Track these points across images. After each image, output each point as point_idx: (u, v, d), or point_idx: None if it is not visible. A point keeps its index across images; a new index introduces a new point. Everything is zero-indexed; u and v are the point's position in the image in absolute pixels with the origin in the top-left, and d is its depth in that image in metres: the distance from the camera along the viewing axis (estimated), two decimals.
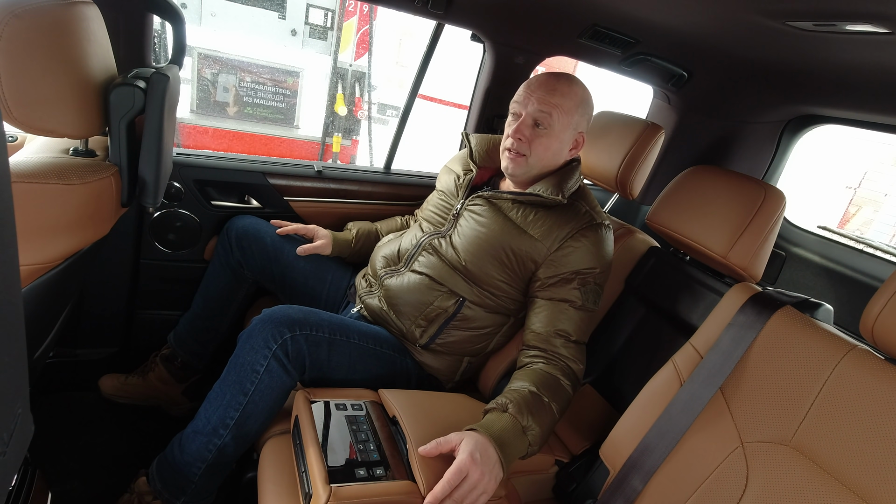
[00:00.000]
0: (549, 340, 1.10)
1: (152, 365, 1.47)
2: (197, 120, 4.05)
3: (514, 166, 1.19)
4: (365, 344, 1.13)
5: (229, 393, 0.99)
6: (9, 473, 0.54)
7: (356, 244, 1.46)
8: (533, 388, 1.00)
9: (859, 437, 0.72)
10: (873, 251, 1.61)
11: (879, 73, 1.13)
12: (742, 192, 1.13)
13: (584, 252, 1.13)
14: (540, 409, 0.98)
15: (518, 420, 0.94)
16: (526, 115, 1.16)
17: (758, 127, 1.78)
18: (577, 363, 1.10)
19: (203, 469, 1.01)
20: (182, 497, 1.03)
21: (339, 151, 4.46)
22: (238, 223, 1.41)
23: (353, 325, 1.14)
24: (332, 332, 1.06)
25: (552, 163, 1.21)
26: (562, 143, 1.19)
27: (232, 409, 0.98)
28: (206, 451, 1.00)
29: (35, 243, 0.79)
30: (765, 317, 0.87)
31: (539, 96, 1.15)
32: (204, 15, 3.94)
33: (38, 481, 0.92)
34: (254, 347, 0.98)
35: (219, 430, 0.99)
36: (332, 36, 4.26)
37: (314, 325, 1.04)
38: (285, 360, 0.99)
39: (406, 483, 0.85)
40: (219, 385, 1.01)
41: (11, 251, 0.41)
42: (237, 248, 1.39)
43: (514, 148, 1.18)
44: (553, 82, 1.16)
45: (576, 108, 1.16)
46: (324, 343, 1.04)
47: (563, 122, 1.16)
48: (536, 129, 1.16)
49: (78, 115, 0.81)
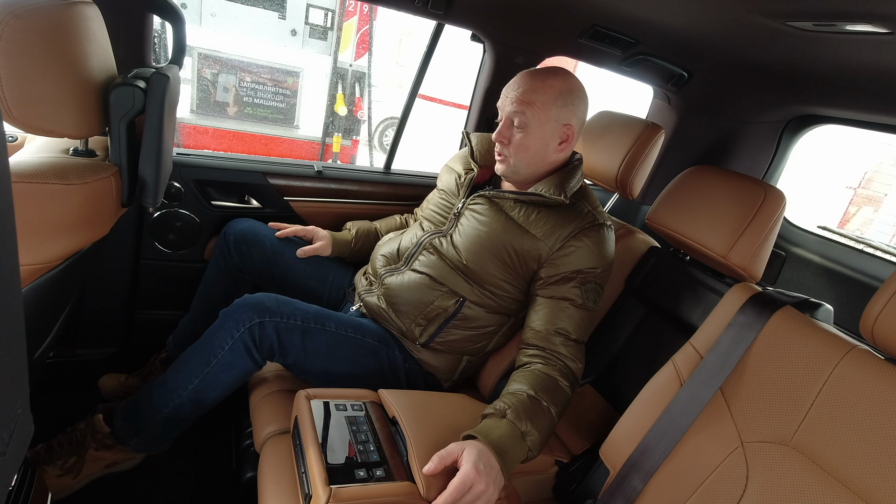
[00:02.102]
0: (549, 339, 1.10)
1: (152, 367, 1.47)
2: (197, 120, 4.06)
3: (501, 168, 1.22)
4: (344, 332, 1.15)
5: (194, 360, 1.08)
6: (9, 473, 0.54)
7: (356, 244, 1.46)
8: (531, 392, 1.00)
9: (859, 437, 0.72)
10: (873, 251, 1.61)
11: (879, 73, 1.13)
12: (742, 192, 1.13)
13: (585, 251, 1.13)
14: (538, 413, 0.98)
15: (517, 426, 0.94)
16: (504, 116, 1.18)
17: (758, 127, 1.78)
18: (576, 362, 1.10)
19: (159, 420, 1.10)
20: (134, 438, 1.13)
21: (339, 151, 4.47)
22: (235, 226, 1.40)
23: (332, 315, 1.16)
24: (305, 320, 1.10)
25: (539, 160, 1.20)
26: (545, 140, 1.17)
27: (193, 375, 1.07)
28: (164, 405, 1.09)
29: (35, 243, 0.79)
30: (765, 317, 0.87)
31: (514, 96, 1.15)
32: (204, 15, 3.95)
33: (37, 481, 0.92)
34: (224, 326, 1.06)
35: (178, 391, 1.08)
36: (332, 36, 4.27)
37: (286, 314, 1.08)
38: (251, 345, 1.05)
39: (406, 484, 0.85)
40: (190, 350, 1.10)
41: (11, 251, 0.41)
42: (235, 252, 1.39)
43: (496, 150, 1.20)
44: (527, 79, 1.16)
45: (553, 101, 1.14)
46: (296, 330, 1.08)
47: (539, 118, 1.15)
48: (514, 130, 1.17)
49: (78, 115, 0.81)
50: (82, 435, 1.15)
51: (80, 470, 1.12)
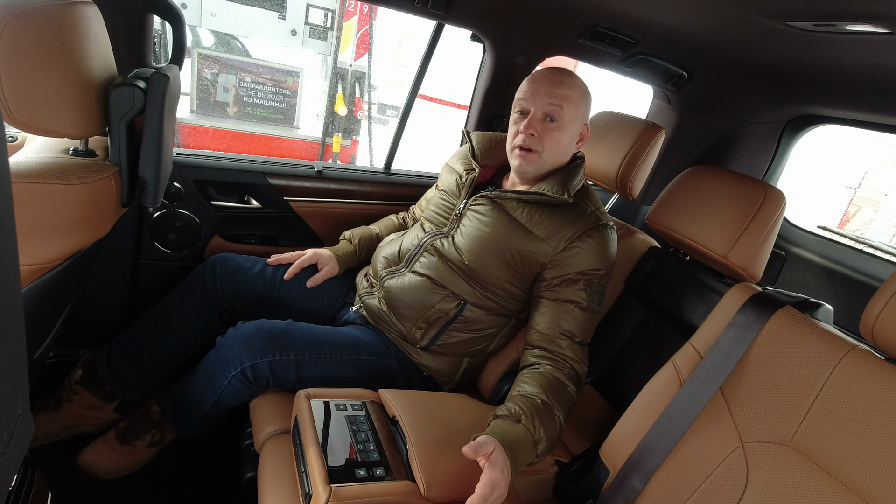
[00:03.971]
0: (555, 341, 1.10)
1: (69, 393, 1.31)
2: (197, 120, 4.06)
3: (526, 163, 1.18)
4: (339, 356, 1.14)
5: (204, 384, 1.12)
6: (9, 473, 0.54)
7: (360, 253, 1.43)
8: (545, 398, 1.00)
9: (859, 437, 0.72)
10: (873, 251, 1.61)
11: (879, 73, 1.13)
12: (742, 192, 1.13)
13: (589, 253, 1.13)
14: (550, 421, 0.99)
15: (531, 433, 0.95)
16: (536, 109, 1.15)
17: (758, 127, 1.78)
18: (581, 364, 1.10)
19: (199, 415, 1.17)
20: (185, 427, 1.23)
21: (339, 151, 4.46)
22: (222, 266, 1.31)
23: (327, 340, 1.14)
24: (299, 351, 1.10)
25: (562, 157, 1.21)
26: (572, 137, 1.19)
27: (208, 395, 1.12)
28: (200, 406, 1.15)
29: (35, 243, 0.79)
30: (765, 317, 0.87)
31: (547, 89, 1.14)
32: (204, 15, 3.94)
33: (37, 481, 0.92)
34: (219, 365, 1.08)
35: (202, 404, 1.14)
36: (332, 36, 4.26)
37: (280, 349, 1.08)
38: (247, 381, 1.08)
39: (406, 483, 0.85)
40: (201, 369, 1.13)
41: (11, 251, 0.41)
42: (222, 290, 1.29)
43: (525, 144, 1.16)
44: (558, 75, 1.16)
45: (581, 98, 1.17)
46: (290, 365, 1.09)
47: (572, 114, 1.16)
48: (548, 124, 1.16)
49: (78, 115, 0.81)
50: (155, 414, 1.28)
51: (159, 441, 1.29)
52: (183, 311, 1.29)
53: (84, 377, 1.31)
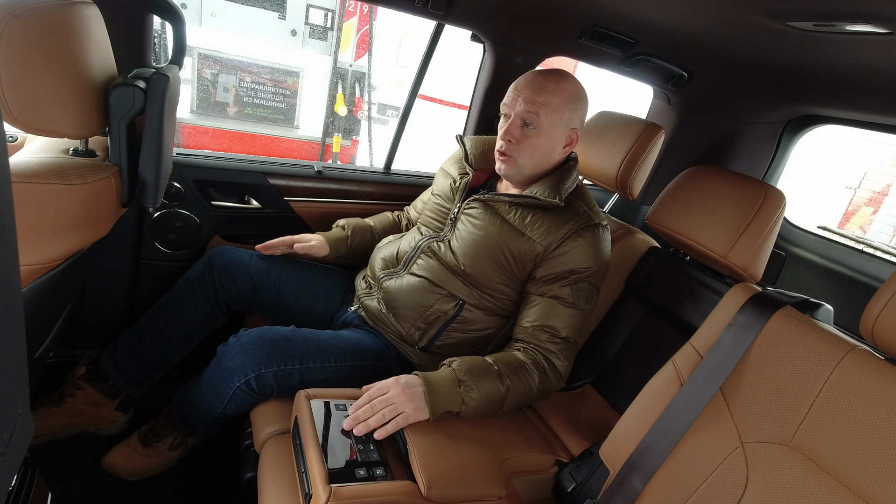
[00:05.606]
0: (535, 335, 1.11)
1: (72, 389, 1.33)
2: (197, 120, 4.06)
3: (506, 168, 1.19)
4: (343, 364, 1.14)
5: (209, 395, 1.11)
6: (9, 473, 0.54)
7: (352, 241, 1.43)
8: (489, 360, 1.04)
9: (859, 437, 0.72)
10: (873, 251, 1.61)
11: (879, 73, 1.13)
12: (742, 193, 1.13)
13: (580, 251, 1.13)
14: (487, 375, 1.01)
15: (455, 373, 0.99)
16: (514, 115, 1.15)
17: (758, 127, 1.78)
18: (561, 360, 1.10)
19: (208, 421, 1.18)
20: (195, 433, 1.25)
21: (339, 151, 4.46)
22: (219, 258, 1.32)
23: (331, 347, 1.14)
24: (303, 360, 1.10)
25: (545, 162, 1.20)
26: (553, 142, 1.17)
27: (215, 405, 1.12)
28: (208, 415, 1.15)
29: (35, 243, 0.79)
30: (765, 317, 0.87)
31: (526, 96, 1.14)
32: (204, 15, 3.94)
33: (38, 481, 0.92)
34: (223, 376, 1.07)
35: (210, 413, 1.14)
36: (332, 36, 4.26)
37: (284, 358, 1.08)
38: (252, 391, 1.08)
39: (406, 483, 0.85)
40: (205, 379, 1.12)
41: (11, 251, 0.41)
42: (220, 283, 1.31)
43: (502, 150, 1.18)
44: (540, 80, 1.15)
45: (565, 104, 1.15)
46: (295, 374, 1.09)
47: (552, 121, 1.14)
48: (525, 130, 1.15)
49: (78, 116, 0.81)
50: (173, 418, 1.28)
51: (180, 443, 1.30)
52: (183, 303, 1.32)
53: (87, 373, 1.34)
